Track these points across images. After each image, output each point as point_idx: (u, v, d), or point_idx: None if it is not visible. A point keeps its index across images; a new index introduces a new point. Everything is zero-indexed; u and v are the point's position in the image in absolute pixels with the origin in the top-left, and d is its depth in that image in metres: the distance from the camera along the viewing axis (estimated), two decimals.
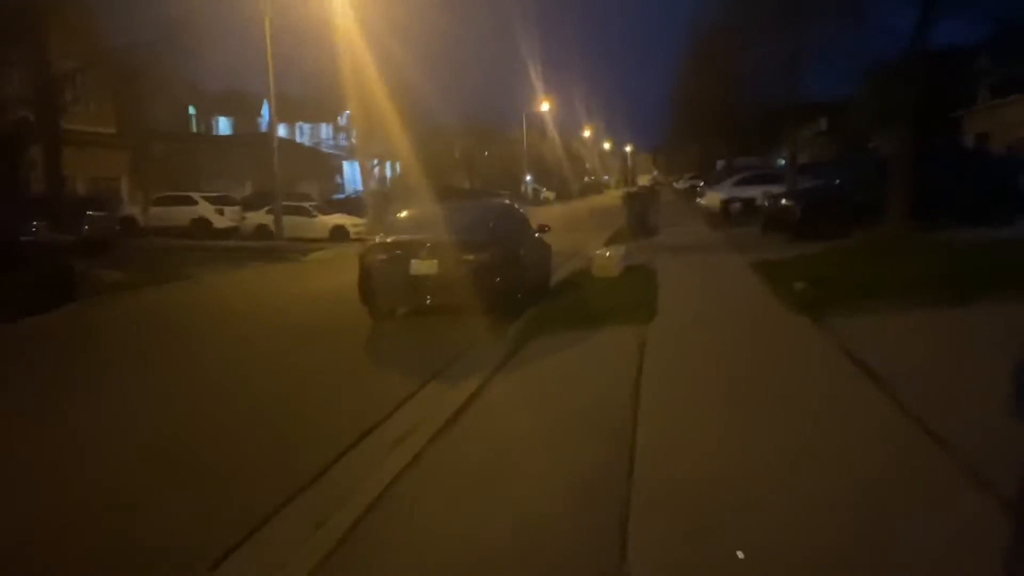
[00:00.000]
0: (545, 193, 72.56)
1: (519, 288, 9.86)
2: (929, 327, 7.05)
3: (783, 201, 16.21)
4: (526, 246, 10.77)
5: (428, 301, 9.44)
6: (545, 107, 72.57)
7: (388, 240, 9.72)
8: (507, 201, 12.61)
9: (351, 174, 52.75)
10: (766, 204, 17.98)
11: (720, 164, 47.61)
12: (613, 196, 63.10)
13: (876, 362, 5.81)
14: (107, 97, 30.20)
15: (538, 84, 70.64)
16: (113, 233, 23.19)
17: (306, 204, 28.77)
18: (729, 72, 29.06)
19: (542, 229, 12.10)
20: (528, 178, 77.58)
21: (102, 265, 17.40)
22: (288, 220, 27.03)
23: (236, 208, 29.86)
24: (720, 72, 29.48)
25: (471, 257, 9.11)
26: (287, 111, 53.23)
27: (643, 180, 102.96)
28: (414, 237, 9.56)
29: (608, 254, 12.89)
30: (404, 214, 11.07)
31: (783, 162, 47.12)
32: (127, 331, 11.52)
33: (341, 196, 47.39)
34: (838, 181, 16.42)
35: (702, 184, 36.31)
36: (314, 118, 54.18)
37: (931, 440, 4.28)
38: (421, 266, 9.13)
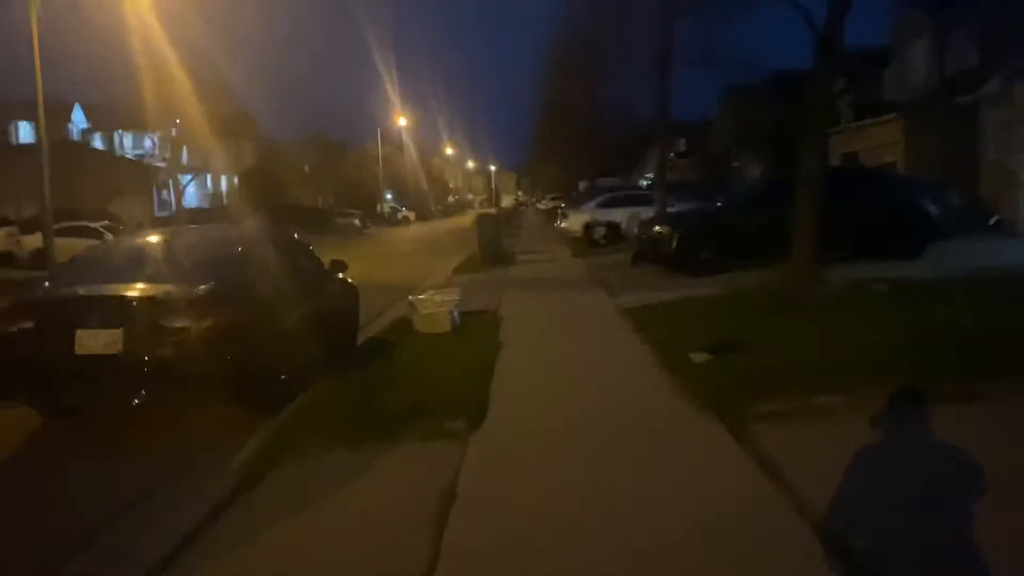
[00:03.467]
0: (404, 212, 68.68)
1: (279, 366, 6.28)
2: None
3: (656, 227, 13.43)
4: (301, 297, 7.19)
5: (136, 400, 5.61)
6: (403, 122, 68.98)
7: (41, 297, 5.85)
8: (277, 228, 9.02)
9: (187, 190, 47.05)
10: (635, 230, 15.23)
11: (583, 184, 45.62)
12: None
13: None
14: None
15: (396, 98, 66.97)
16: None
17: (96, 225, 23.82)
18: (592, 83, 26.73)
19: (337, 267, 8.52)
20: (388, 196, 73.64)
21: None
22: (73, 244, 22.09)
23: (11, 230, 24.53)
24: (583, 83, 27.09)
25: (182, 323, 5.44)
26: (104, 118, 47.13)
27: (507, 200, 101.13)
28: (85, 291, 5.76)
29: (437, 299, 9.52)
30: (94, 249, 7.23)
31: (646, 183, 45.69)
32: None
33: (166, 214, 42.07)
34: (719, 204, 13.81)
35: (563, 206, 33.81)
36: (139, 127, 48.16)
37: None
38: (94, 340, 5.37)
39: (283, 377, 6.32)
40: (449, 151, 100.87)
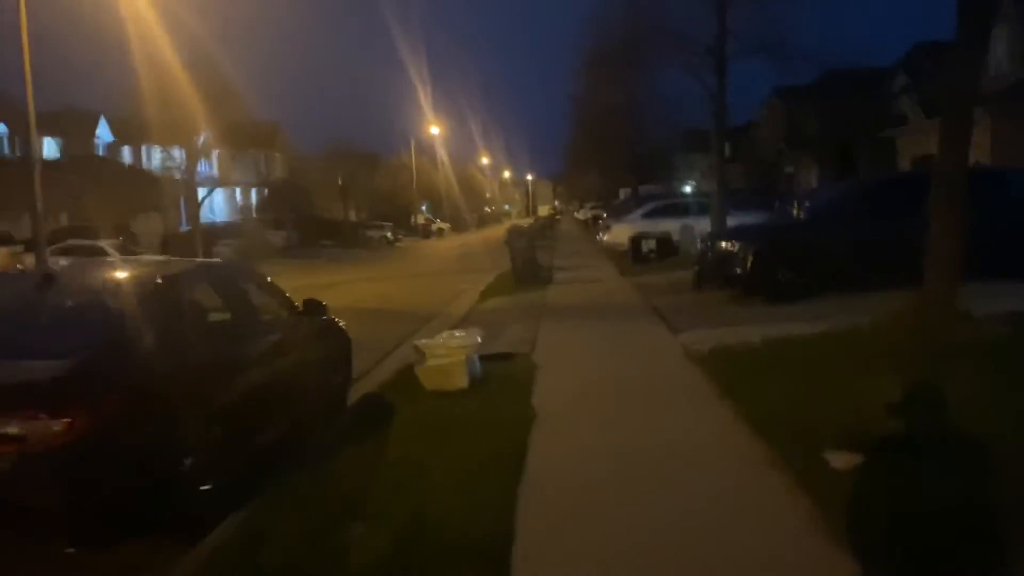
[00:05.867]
0: (438, 224, 66.70)
1: (199, 472, 4.16)
2: None
3: (725, 244, 11.14)
4: (249, 360, 5.08)
5: None
6: (436, 131, 67.06)
7: None
8: (187, 260, 6.99)
9: (215, 203, 45.58)
10: (699, 245, 12.95)
11: (623, 192, 43.27)
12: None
13: None
14: None
15: (429, 107, 65.11)
16: None
17: (104, 243, 22.18)
18: (631, 83, 24.42)
19: (313, 309, 6.34)
20: (424, 207, 71.91)
21: None
22: None
23: (15, 248, 23.05)
24: (620, 83, 24.76)
25: (15, 428, 3.37)
26: (130, 132, 45.89)
27: (543, 210, 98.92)
28: None
29: (452, 344, 7.33)
30: None
31: (689, 190, 43.04)
32: None
33: (188, 229, 40.62)
34: (802, 215, 11.43)
35: (605, 216, 31.48)
36: (166, 140, 46.90)
37: None
38: None
39: (206, 487, 4.21)
40: (485, 160, 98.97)
